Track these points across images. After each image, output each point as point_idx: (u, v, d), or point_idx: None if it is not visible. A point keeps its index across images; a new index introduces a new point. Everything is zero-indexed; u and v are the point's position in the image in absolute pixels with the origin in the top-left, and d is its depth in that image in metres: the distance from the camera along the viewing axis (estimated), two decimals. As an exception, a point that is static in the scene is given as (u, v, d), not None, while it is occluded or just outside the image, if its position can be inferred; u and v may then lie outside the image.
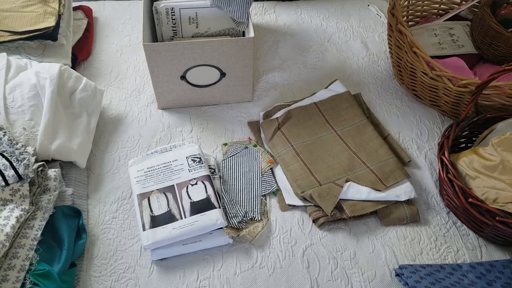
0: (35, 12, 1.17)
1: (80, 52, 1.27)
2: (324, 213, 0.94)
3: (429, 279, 0.84)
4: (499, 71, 0.89)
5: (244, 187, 1.00)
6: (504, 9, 1.19)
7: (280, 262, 0.90)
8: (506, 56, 1.18)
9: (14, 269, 0.79)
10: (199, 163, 0.98)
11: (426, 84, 1.12)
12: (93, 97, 1.08)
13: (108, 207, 0.97)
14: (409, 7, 1.35)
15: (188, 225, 0.89)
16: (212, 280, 0.87)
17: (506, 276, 0.85)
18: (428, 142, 1.12)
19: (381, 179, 0.99)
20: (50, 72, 1.03)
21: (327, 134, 1.10)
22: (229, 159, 1.05)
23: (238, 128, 1.14)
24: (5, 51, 1.13)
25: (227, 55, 1.06)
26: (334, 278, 0.88)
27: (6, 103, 0.99)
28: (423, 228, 0.96)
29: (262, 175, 1.03)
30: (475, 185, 0.91)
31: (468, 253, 0.92)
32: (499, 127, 0.98)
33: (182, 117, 1.16)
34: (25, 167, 0.88)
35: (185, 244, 0.89)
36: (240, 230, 0.92)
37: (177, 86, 1.12)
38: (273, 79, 1.26)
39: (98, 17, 1.43)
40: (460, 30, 1.28)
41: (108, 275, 0.88)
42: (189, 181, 0.96)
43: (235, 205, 0.96)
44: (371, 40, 1.40)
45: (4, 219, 0.82)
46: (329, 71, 1.29)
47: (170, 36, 1.18)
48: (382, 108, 1.20)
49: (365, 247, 0.93)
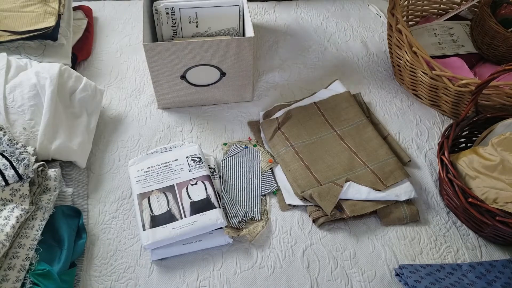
0: (35, 12, 1.17)
1: (80, 52, 1.27)
2: (324, 213, 0.94)
3: (429, 278, 0.84)
4: (499, 71, 0.89)
5: (244, 187, 1.00)
6: (504, 9, 1.19)
7: (280, 262, 0.90)
8: (506, 56, 1.18)
9: (14, 269, 0.79)
10: (199, 163, 0.98)
11: (426, 84, 1.12)
12: (93, 97, 1.08)
13: (108, 207, 0.97)
14: (409, 7, 1.35)
15: (188, 225, 0.89)
16: (212, 280, 0.87)
17: (506, 276, 0.85)
18: (428, 142, 1.12)
19: (381, 179, 0.99)
20: (50, 72, 1.03)
21: (327, 134, 1.10)
22: (229, 159, 1.05)
23: (238, 128, 1.14)
24: (5, 51, 1.13)
25: (227, 55, 1.06)
26: (334, 278, 0.88)
27: (6, 103, 0.99)
28: (423, 228, 0.96)
29: (262, 175, 1.03)
30: (475, 185, 0.91)
31: (468, 253, 0.92)
32: (499, 127, 0.98)
33: (182, 117, 1.16)
34: (25, 167, 0.88)
35: (185, 244, 0.89)
36: (240, 230, 0.92)
37: (177, 86, 1.12)
38: (273, 79, 1.26)
39: (98, 17, 1.43)
40: (460, 30, 1.28)
41: (108, 275, 0.88)
42: (189, 181, 0.96)
43: (235, 205, 0.96)
44: (371, 40, 1.39)
45: (4, 219, 0.82)
46: (329, 71, 1.29)
47: (170, 36, 1.18)
48: (382, 108, 1.20)
49: (365, 247, 0.93)
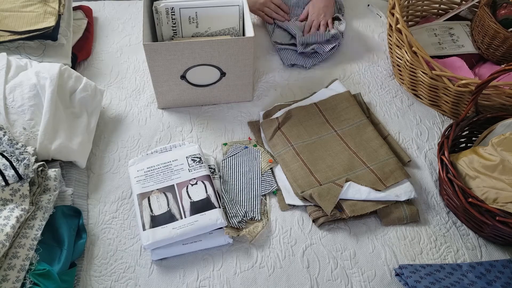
0: (35, 12, 1.17)
1: (80, 52, 1.26)
2: (324, 213, 0.94)
3: (429, 278, 0.84)
4: (499, 71, 0.89)
5: (244, 187, 1.00)
6: (504, 9, 1.19)
7: (280, 262, 0.90)
8: (506, 56, 1.18)
9: (14, 269, 0.79)
10: (199, 163, 0.98)
11: (426, 84, 1.12)
12: (93, 97, 1.08)
13: (108, 207, 0.97)
14: (409, 7, 1.35)
15: (188, 225, 0.89)
16: (212, 280, 0.87)
17: (506, 276, 0.85)
18: (428, 142, 1.12)
19: (381, 179, 0.99)
20: (50, 72, 1.03)
21: (327, 134, 1.09)
22: (229, 159, 1.05)
23: (238, 128, 1.14)
24: (5, 51, 1.13)
25: (227, 55, 1.06)
26: (334, 278, 0.88)
27: (6, 103, 0.99)
28: (423, 228, 0.96)
29: (262, 175, 1.03)
30: (475, 185, 0.91)
31: (468, 253, 0.92)
32: (499, 127, 0.98)
33: (182, 117, 1.16)
34: (25, 167, 0.88)
35: (185, 244, 0.89)
36: (240, 230, 0.92)
37: (177, 86, 1.12)
38: (273, 79, 1.26)
39: (98, 17, 1.43)
40: (460, 30, 1.28)
41: (108, 275, 0.88)
42: (189, 181, 0.96)
43: (235, 205, 0.96)
44: (371, 40, 1.39)
45: (4, 219, 0.82)
46: (329, 71, 1.29)
47: (170, 36, 1.18)
48: (382, 108, 1.20)
49: (365, 247, 0.93)
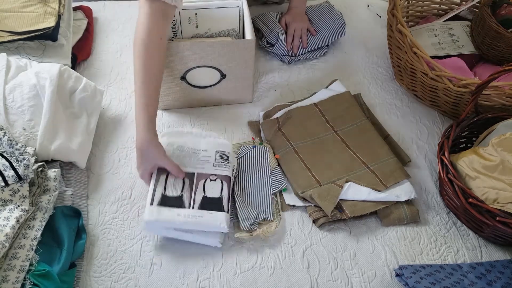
0: (35, 12, 1.17)
1: (80, 52, 1.26)
2: (324, 214, 0.94)
3: (429, 279, 0.84)
4: (499, 71, 0.89)
5: (256, 188, 0.99)
6: (504, 9, 1.19)
7: (280, 263, 0.90)
8: (506, 56, 1.18)
9: (14, 270, 0.79)
10: (225, 161, 0.97)
11: (426, 84, 1.12)
12: (93, 97, 1.08)
13: (108, 207, 0.97)
14: (409, 7, 1.35)
15: (192, 217, 0.88)
16: (212, 280, 0.87)
17: (506, 276, 0.85)
18: (428, 142, 1.12)
19: (381, 179, 0.99)
20: (50, 72, 1.03)
21: (327, 134, 1.09)
22: (238, 160, 1.04)
23: (238, 128, 1.14)
24: (5, 51, 1.13)
25: (228, 57, 1.06)
26: (334, 278, 0.88)
27: (6, 103, 0.98)
28: (423, 228, 0.96)
29: (271, 173, 1.02)
30: (475, 185, 0.91)
31: (468, 253, 0.92)
32: (499, 127, 0.98)
33: (182, 117, 1.16)
34: (25, 167, 0.88)
35: (176, 229, 0.89)
36: (253, 232, 0.92)
37: (177, 87, 1.12)
38: (273, 80, 1.26)
39: (98, 17, 1.43)
40: (460, 30, 1.28)
41: (108, 276, 0.88)
42: (209, 175, 0.95)
43: (246, 207, 0.95)
44: (371, 40, 1.39)
45: (4, 220, 0.82)
46: (329, 71, 1.29)
47: (170, 36, 1.18)
48: (382, 108, 1.20)
49: (365, 247, 0.93)
